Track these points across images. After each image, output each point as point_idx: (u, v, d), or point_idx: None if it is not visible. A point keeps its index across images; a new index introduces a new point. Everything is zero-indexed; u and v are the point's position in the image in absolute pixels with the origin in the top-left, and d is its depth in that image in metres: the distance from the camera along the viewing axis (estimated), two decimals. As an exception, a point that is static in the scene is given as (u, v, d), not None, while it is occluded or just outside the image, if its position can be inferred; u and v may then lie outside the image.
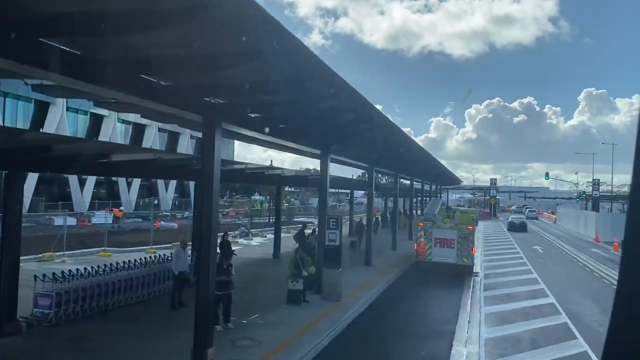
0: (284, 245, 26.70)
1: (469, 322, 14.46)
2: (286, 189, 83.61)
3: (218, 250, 19.19)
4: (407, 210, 50.02)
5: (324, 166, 17.75)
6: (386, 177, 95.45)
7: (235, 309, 13.15)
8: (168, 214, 53.53)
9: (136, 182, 57.75)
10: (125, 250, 25.98)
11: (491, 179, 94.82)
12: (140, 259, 15.96)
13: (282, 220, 47.80)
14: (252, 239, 34.71)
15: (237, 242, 32.23)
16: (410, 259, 27.60)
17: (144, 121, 48.43)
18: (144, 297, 15.08)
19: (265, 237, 34.99)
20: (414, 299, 17.99)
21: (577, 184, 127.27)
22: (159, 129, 57.72)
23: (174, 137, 61.07)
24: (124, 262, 15.12)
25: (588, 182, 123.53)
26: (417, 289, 19.77)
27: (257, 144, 19.90)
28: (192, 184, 68.84)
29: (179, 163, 15.53)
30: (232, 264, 12.80)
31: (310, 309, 14.68)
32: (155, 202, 56.76)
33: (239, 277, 19.00)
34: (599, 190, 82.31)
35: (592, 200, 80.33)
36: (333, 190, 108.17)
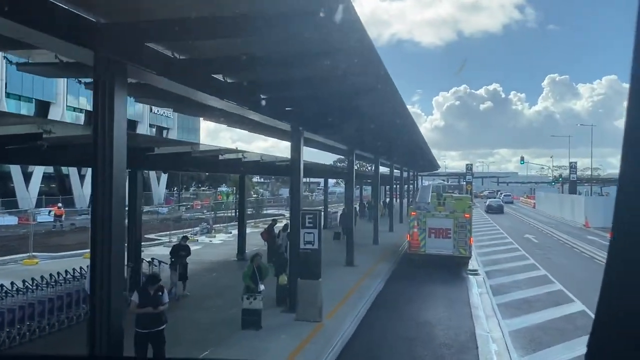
0: (251, 243, 22.85)
1: (493, 347, 10.90)
2: (254, 179, 79.50)
3: (170, 259, 15.74)
4: (387, 198, 46.62)
5: (296, 146, 13.96)
6: (359, 163, 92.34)
7: (179, 343, 9.31)
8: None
9: (89, 176, 52.78)
10: (59, 256, 21.71)
11: (467, 165, 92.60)
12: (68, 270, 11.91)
13: (250, 213, 44.24)
14: (214, 236, 30.60)
15: (197, 240, 28.16)
16: (397, 254, 24.13)
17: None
18: (51, 329, 10.98)
19: (230, 233, 30.95)
20: (413, 311, 14.35)
21: (554, 167, 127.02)
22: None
23: (132, 124, 56.17)
24: (35, 279, 11.03)
25: (555, 166, 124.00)
26: (413, 295, 16.17)
27: (206, 117, 16.07)
28: (153, 175, 64.63)
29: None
30: (164, 288, 8.81)
31: (279, 337, 10.86)
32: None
33: (192, 289, 15.31)
34: (576, 173, 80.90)
35: (570, 183, 78.89)
36: (305, 179, 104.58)
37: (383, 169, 46.14)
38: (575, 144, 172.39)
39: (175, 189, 67.52)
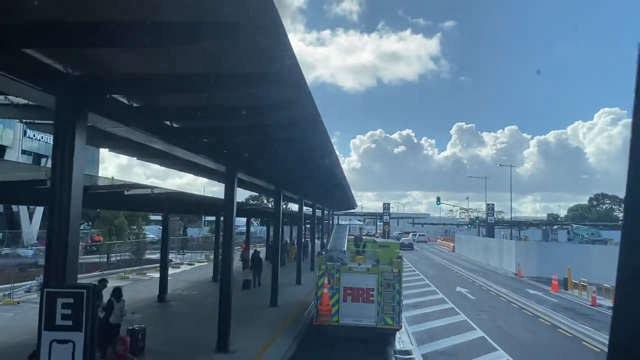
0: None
1: None
2: (153, 216, 70.17)
3: None
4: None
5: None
6: (271, 201, 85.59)
7: None
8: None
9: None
10: None
11: (384, 204, 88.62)
12: None
13: (126, 259, 35.93)
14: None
15: (18, 302, 19.80)
16: (301, 323, 17.37)
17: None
18: None
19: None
20: None
21: (462, 210, 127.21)
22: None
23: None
24: None
25: (463, 208, 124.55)
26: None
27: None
28: (24, 211, 54.51)
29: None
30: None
31: None
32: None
33: None
34: (493, 215, 78.99)
35: (487, 226, 76.67)
36: (211, 217, 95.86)
37: (294, 206, 40.10)
38: (479, 189, 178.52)
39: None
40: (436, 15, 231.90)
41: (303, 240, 52.11)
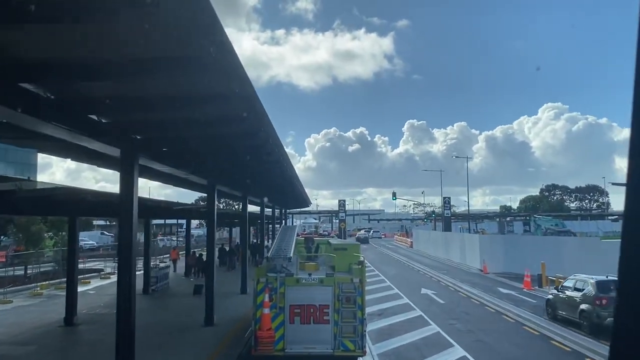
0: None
1: None
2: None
3: None
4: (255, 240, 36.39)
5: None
6: (225, 201, 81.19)
7: None
8: None
9: None
10: None
11: (339, 201, 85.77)
12: None
13: (47, 270, 31.29)
14: None
15: None
16: (239, 346, 13.80)
17: None
18: None
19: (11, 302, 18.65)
20: None
21: (415, 204, 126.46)
22: None
23: None
24: None
25: (416, 203, 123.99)
26: None
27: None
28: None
29: None
30: None
31: None
32: None
33: None
34: (450, 209, 77.47)
35: (444, 220, 74.99)
36: (159, 221, 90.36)
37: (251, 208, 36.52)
38: (431, 184, 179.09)
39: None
40: (390, 14, 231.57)
41: (253, 241, 48.51)
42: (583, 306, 15.86)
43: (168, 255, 38.24)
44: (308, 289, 11.49)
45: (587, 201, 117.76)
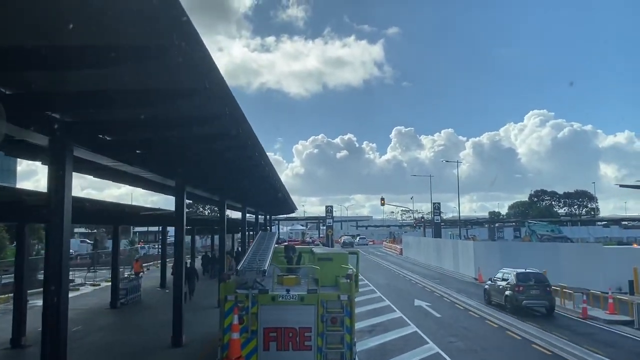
0: None
1: None
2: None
3: None
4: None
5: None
6: (196, 207, 78.73)
7: None
8: None
9: None
10: None
11: (327, 207, 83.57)
12: None
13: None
14: None
15: None
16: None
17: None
18: None
19: None
20: None
21: (403, 211, 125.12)
22: None
23: None
24: None
25: (404, 209, 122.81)
26: None
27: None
28: None
29: None
30: None
31: None
32: None
33: None
34: (440, 215, 75.93)
35: (434, 226, 73.41)
36: (141, 228, 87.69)
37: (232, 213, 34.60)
38: (420, 190, 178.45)
39: None
40: (381, 22, 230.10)
41: (238, 249, 46.34)
42: (507, 292, 20.39)
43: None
44: (286, 308, 9.57)
45: (575, 207, 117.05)
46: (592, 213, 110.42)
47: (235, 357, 9.25)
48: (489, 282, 22.93)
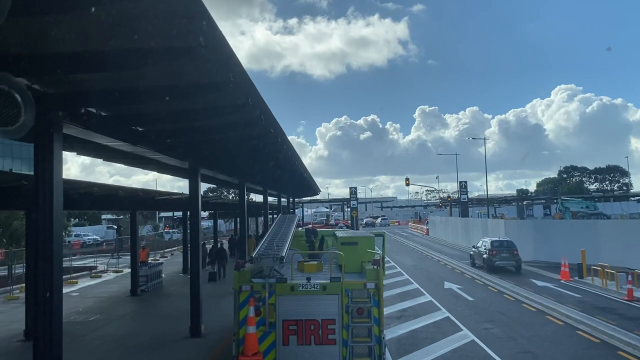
0: None
1: None
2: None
3: None
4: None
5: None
6: (220, 191, 78.47)
7: None
8: None
9: None
10: None
11: (350, 188, 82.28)
12: None
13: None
14: None
15: None
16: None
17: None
18: None
19: None
20: None
21: (427, 191, 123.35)
22: None
23: None
24: None
25: (429, 189, 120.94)
26: None
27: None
28: None
29: None
30: None
31: None
32: None
33: None
34: (467, 194, 74.09)
35: (461, 205, 71.68)
36: (167, 214, 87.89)
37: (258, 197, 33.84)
38: (446, 170, 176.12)
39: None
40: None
41: (255, 232, 45.81)
42: (484, 255, 26.48)
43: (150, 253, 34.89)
44: (307, 298, 8.62)
45: (607, 182, 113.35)
46: (625, 188, 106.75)
47: (252, 352, 8.36)
48: (473, 249, 29.20)
